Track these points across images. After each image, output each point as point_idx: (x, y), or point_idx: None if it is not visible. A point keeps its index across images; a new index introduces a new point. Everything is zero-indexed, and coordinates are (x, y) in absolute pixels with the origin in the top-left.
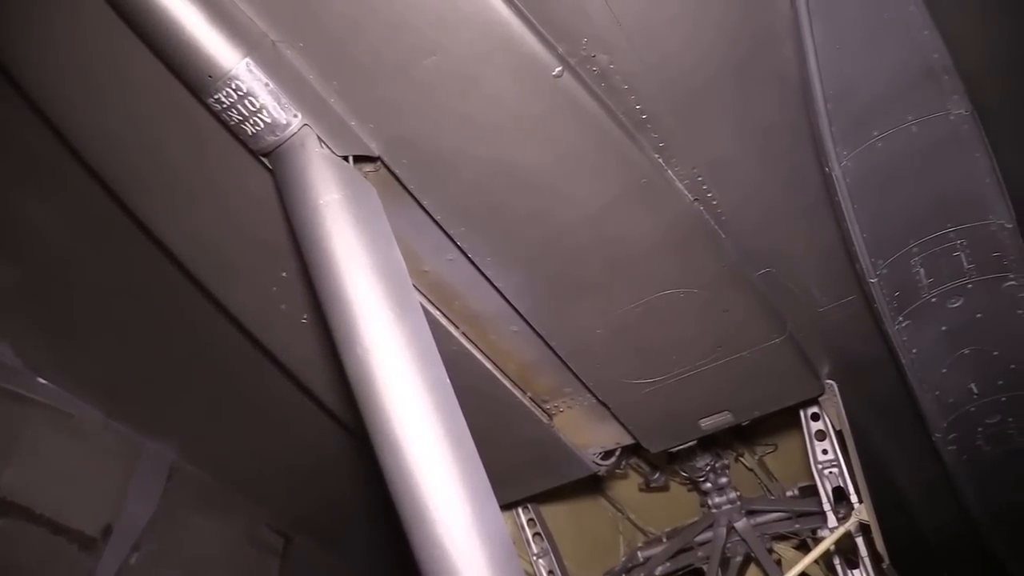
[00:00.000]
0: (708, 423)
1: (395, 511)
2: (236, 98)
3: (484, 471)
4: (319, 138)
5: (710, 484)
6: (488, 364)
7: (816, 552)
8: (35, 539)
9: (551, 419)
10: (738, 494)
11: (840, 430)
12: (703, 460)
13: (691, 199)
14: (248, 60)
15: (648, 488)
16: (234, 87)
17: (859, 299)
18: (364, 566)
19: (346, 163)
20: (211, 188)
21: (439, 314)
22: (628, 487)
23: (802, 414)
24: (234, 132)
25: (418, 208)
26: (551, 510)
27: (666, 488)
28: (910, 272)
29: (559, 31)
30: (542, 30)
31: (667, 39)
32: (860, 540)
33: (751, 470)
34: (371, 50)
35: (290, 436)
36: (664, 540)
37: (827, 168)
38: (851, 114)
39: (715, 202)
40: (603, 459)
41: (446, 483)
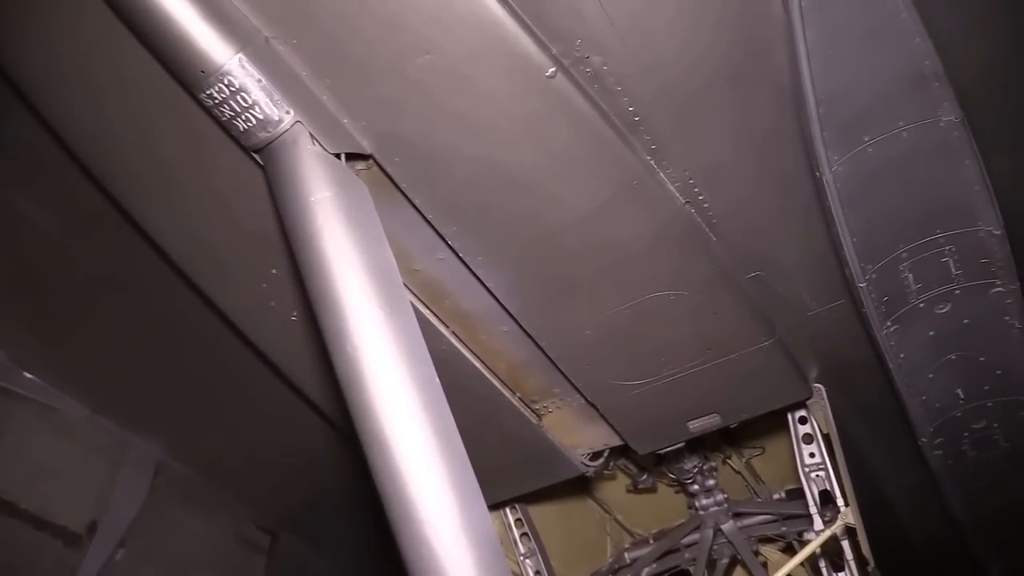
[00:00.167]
0: (696, 425)
1: (382, 510)
2: (228, 94)
3: (472, 471)
4: (311, 135)
5: (697, 486)
6: (478, 364)
7: (802, 555)
8: (19, 535)
9: (540, 419)
10: (725, 496)
11: (827, 434)
12: (691, 462)
13: (682, 202)
14: (241, 56)
15: (636, 489)
16: (226, 83)
17: (848, 303)
18: (351, 565)
19: (338, 161)
20: (203, 184)
21: (429, 313)
22: (616, 488)
23: (790, 417)
24: (226, 128)
25: (410, 207)
26: (539, 510)
27: (654, 489)
28: (899, 277)
29: (553, 32)
30: (536, 30)
31: (661, 42)
32: (846, 543)
33: (739, 472)
34: (365, 48)
35: (278, 434)
36: (651, 541)
37: (818, 173)
38: (843, 119)
39: (706, 205)
40: (591, 460)
41: (434, 482)
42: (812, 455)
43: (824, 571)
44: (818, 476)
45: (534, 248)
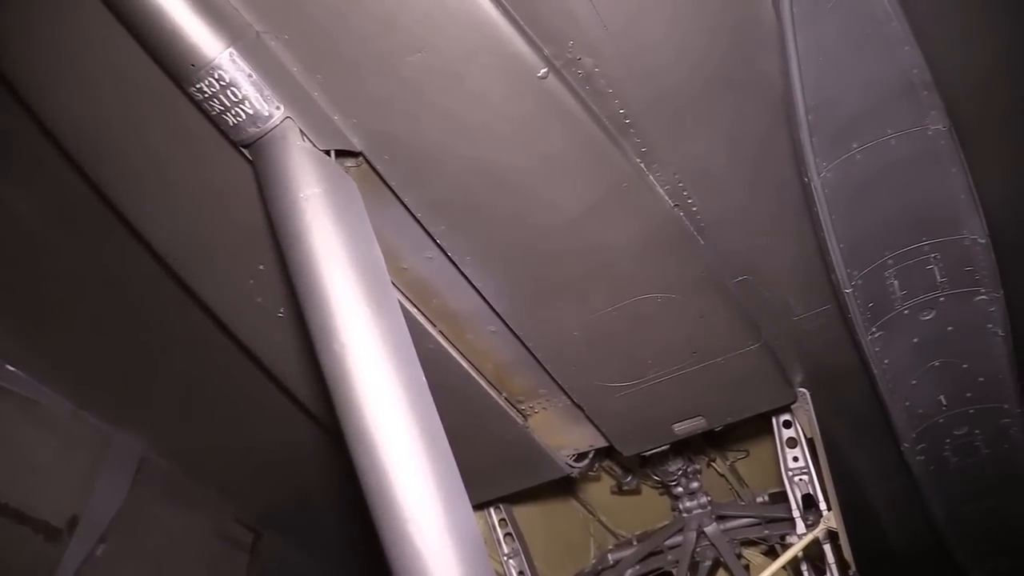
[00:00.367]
0: (681, 428)
1: (366, 508)
2: (218, 88)
3: (457, 470)
4: (301, 131)
5: (681, 488)
6: (464, 363)
7: (784, 558)
8: None
9: (526, 420)
10: (709, 499)
11: (811, 438)
12: (675, 464)
13: (671, 205)
14: (231, 50)
15: (620, 491)
16: (216, 77)
17: (834, 309)
18: (334, 563)
19: (328, 157)
20: (191, 178)
21: (417, 312)
22: (600, 489)
23: (774, 421)
24: (215, 122)
25: (399, 205)
26: (523, 511)
27: (638, 491)
28: (884, 284)
29: (545, 33)
30: (528, 31)
31: (653, 45)
32: (828, 547)
33: (722, 475)
34: (357, 45)
35: (262, 431)
36: (634, 543)
37: (806, 178)
38: (832, 126)
39: (695, 208)
40: (576, 461)
41: (419, 481)
42: (796, 459)
43: (806, 574)
44: (801, 480)
45: (522, 249)
